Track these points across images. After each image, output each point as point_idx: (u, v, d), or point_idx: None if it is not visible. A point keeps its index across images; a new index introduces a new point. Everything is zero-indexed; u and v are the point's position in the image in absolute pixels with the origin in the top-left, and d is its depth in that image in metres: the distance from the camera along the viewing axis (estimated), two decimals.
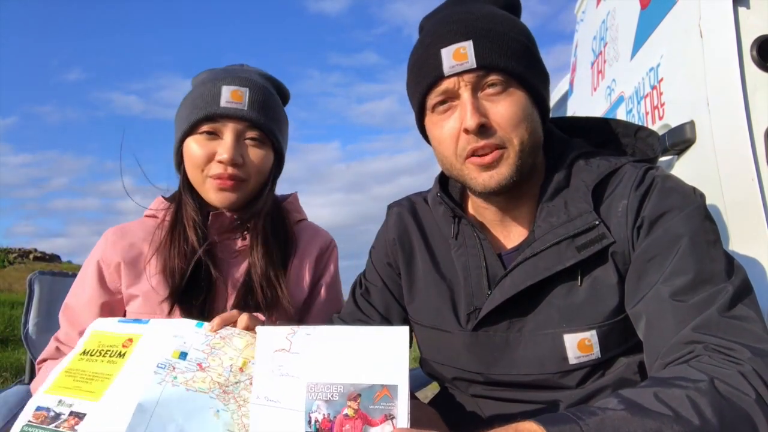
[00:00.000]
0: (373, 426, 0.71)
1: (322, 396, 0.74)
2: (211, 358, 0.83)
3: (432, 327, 1.02)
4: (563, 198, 0.93)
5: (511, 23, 0.93)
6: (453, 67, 0.89)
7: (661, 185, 0.88)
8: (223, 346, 0.85)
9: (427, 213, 1.09)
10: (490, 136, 0.89)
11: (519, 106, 0.90)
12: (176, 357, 0.82)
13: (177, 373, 0.81)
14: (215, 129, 1.13)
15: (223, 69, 1.22)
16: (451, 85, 0.90)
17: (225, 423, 0.78)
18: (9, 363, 5.34)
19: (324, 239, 1.29)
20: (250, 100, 1.14)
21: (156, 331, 0.87)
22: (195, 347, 0.84)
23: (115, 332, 0.89)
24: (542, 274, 0.89)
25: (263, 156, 1.16)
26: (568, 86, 2.86)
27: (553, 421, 0.65)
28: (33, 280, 1.60)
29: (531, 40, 0.94)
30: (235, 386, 0.81)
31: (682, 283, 0.80)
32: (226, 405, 0.79)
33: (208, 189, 1.15)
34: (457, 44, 0.89)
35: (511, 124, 0.89)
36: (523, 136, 0.90)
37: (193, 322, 0.89)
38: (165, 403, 0.77)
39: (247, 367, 0.83)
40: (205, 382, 0.81)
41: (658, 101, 1.51)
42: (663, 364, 0.78)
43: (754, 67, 1.16)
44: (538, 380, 0.92)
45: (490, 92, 0.90)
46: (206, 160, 1.13)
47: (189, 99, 1.18)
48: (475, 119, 0.88)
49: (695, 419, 0.65)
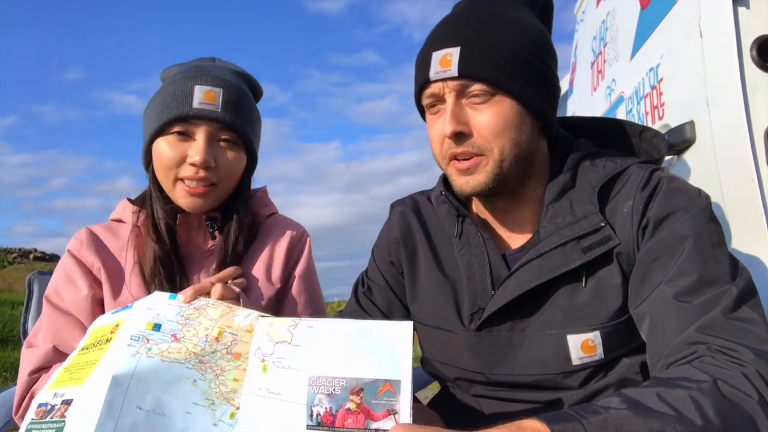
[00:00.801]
0: (375, 421, 0.71)
1: (324, 389, 0.74)
2: (185, 328, 0.83)
3: (435, 326, 1.02)
4: (569, 199, 0.93)
5: (510, 30, 0.91)
6: (437, 73, 0.90)
7: (667, 186, 0.88)
8: (198, 316, 0.85)
9: (430, 212, 1.09)
10: (469, 144, 0.90)
11: (502, 116, 0.89)
12: (150, 329, 0.82)
13: (151, 344, 0.80)
14: (187, 130, 1.09)
15: (194, 65, 1.18)
16: (437, 90, 0.91)
17: (203, 392, 0.79)
18: (9, 363, 5.34)
19: (295, 231, 1.26)
20: (223, 101, 1.10)
21: (135, 311, 0.87)
22: (169, 318, 0.84)
23: (107, 323, 0.89)
24: (547, 275, 0.89)
25: (236, 158, 1.14)
26: (568, 86, 2.87)
27: (556, 419, 0.65)
28: (32, 280, 1.59)
29: (530, 48, 0.91)
30: (212, 356, 0.81)
31: (687, 284, 0.80)
32: (203, 375, 0.80)
33: (177, 193, 1.12)
34: (445, 50, 0.90)
35: (491, 134, 0.89)
36: (504, 146, 0.89)
37: (167, 294, 0.89)
38: (140, 374, 0.77)
39: (222, 337, 0.83)
40: (181, 352, 0.80)
41: (657, 101, 1.51)
42: (666, 364, 0.78)
43: (754, 67, 1.16)
44: (541, 381, 0.92)
45: (474, 100, 0.90)
46: (177, 162, 1.09)
47: (159, 97, 1.13)
48: (451, 127, 0.89)
49: (698, 419, 0.65)
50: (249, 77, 1.24)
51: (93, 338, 0.88)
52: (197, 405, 0.78)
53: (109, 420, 0.72)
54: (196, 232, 1.18)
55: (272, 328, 0.81)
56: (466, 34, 0.90)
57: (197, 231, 1.18)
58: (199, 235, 1.18)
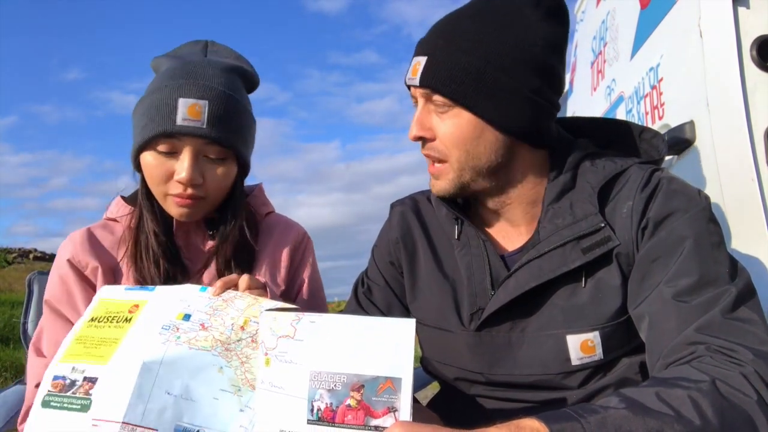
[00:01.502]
0: (375, 418, 0.71)
1: (325, 385, 0.74)
2: (213, 318, 0.87)
3: (434, 327, 1.02)
4: (569, 199, 0.93)
5: (479, 43, 0.88)
6: (410, 79, 0.93)
7: (667, 187, 0.88)
8: (226, 307, 0.89)
9: (430, 212, 1.09)
10: (431, 148, 0.94)
11: (459, 129, 0.90)
12: (180, 319, 0.86)
13: (180, 333, 0.84)
14: (173, 146, 1.06)
15: (182, 67, 1.11)
16: (413, 92, 0.95)
17: (229, 378, 0.82)
18: (9, 363, 5.34)
19: (297, 232, 1.25)
20: (209, 114, 1.05)
21: (162, 297, 0.91)
22: (198, 309, 0.88)
23: (122, 299, 0.91)
24: (547, 276, 0.89)
25: (224, 173, 1.11)
26: (567, 86, 2.87)
27: (555, 419, 0.65)
28: (32, 279, 1.59)
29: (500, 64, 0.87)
30: (237, 344, 0.84)
31: (686, 284, 0.80)
32: (228, 362, 0.83)
33: (169, 204, 1.10)
34: (417, 58, 0.93)
35: (449, 143, 0.91)
36: (460, 157, 0.91)
37: (197, 287, 0.92)
38: (169, 361, 0.81)
39: (248, 326, 0.86)
40: (207, 340, 0.84)
41: (657, 101, 1.51)
42: (665, 364, 0.78)
43: (753, 67, 1.16)
44: (541, 381, 0.92)
45: (437, 109, 0.92)
46: (164, 179, 1.07)
47: (146, 103, 1.09)
48: (413, 131, 0.94)
49: (696, 419, 0.65)
50: (242, 69, 1.19)
51: (104, 311, 0.90)
52: (224, 391, 0.81)
53: (139, 403, 0.76)
54: (194, 235, 1.18)
55: (275, 322, 0.82)
56: (434, 45, 0.91)
57: (195, 233, 1.18)
58: (198, 237, 1.18)
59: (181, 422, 0.77)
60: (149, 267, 1.10)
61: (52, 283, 1.14)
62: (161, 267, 1.11)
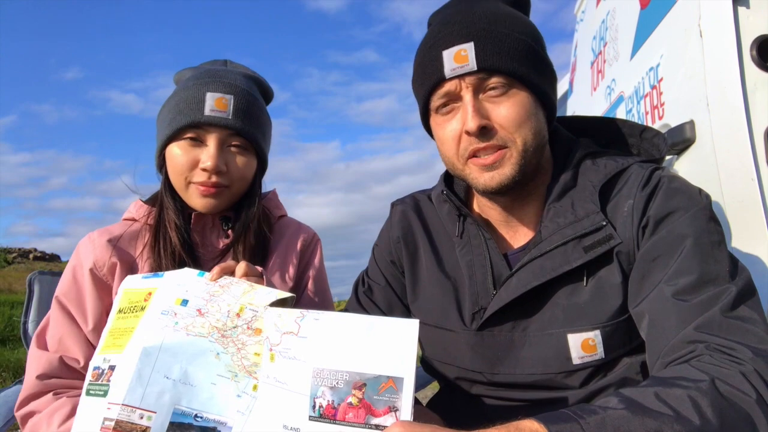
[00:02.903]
0: (376, 416, 0.72)
1: (327, 382, 0.75)
2: (210, 304, 0.89)
3: (436, 326, 1.02)
4: (570, 198, 0.93)
5: (515, 22, 0.93)
6: (454, 70, 0.89)
7: (667, 186, 0.88)
8: (222, 293, 0.90)
9: (431, 211, 1.09)
10: (492, 138, 0.90)
11: (522, 107, 0.90)
12: (179, 304, 0.88)
13: (178, 318, 0.86)
14: (199, 136, 1.14)
15: (206, 70, 1.21)
16: (452, 87, 0.91)
17: (226, 364, 0.83)
18: (9, 363, 5.35)
19: (307, 234, 1.30)
20: (234, 107, 1.14)
21: (167, 282, 0.93)
22: (196, 294, 0.90)
23: (140, 288, 0.94)
24: (549, 275, 0.89)
25: (246, 163, 1.18)
26: (568, 86, 2.87)
27: (554, 420, 0.65)
28: (33, 279, 1.60)
29: (536, 39, 0.94)
30: (233, 330, 0.86)
31: (686, 283, 0.80)
32: (225, 348, 0.84)
33: (191, 194, 1.16)
34: (458, 46, 0.89)
35: (513, 125, 0.90)
36: (526, 136, 0.90)
37: (195, 272, 0.94)
38: (167, 347, 0.83)
39: (243, 313, 0.87)
40: (204, 327, 0.86)
41: (657, 101, 1.51)
42: (664, 363, 0.78)
43: (753, 67, 1.16)
44: (542, 380, 0.92)
45: (492, 94, 0.90)
46: (190, 167, 1.14)
47: (172, 102, 1.17)
48: (476, 121, 0.88)
49: (696, 419, 0.65)
50: (260, 81, 1.28)
51: (128, 301, 0.93)
52: (221, 377, 0.83)
53: (138, 386, 0.80)
54: (210, 231, 1.22)
55: (280, 318, 0.83)
56: (477, 27, 0.90)
57: (211, 230, 1.22)
58: (213, 234, 1.22)
59: (179, 405, 0.80)
60: (166, 261, 1.14)
61: (65, 281, 1.17)
62: (177, 261, 1.14)
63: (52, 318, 1.15)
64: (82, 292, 1.15)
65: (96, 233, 1.20)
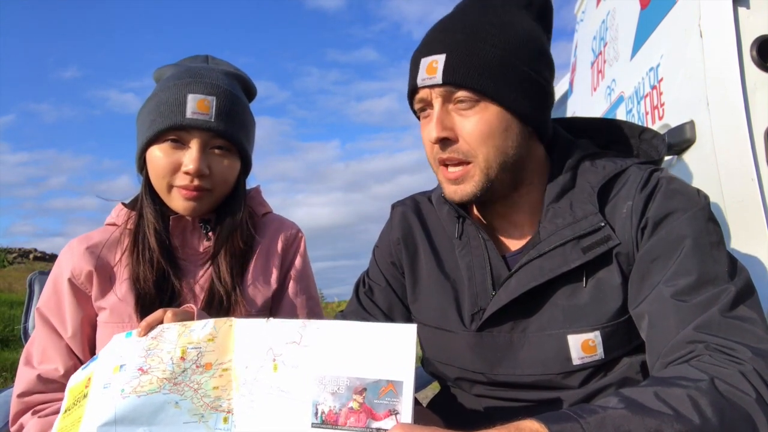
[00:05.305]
0: (377, 420, 0.73)
1: (328, 388, 0.76)
2: (149, 359, 0.84)
3: (436, 327, 1.02)
4: (569, 199, 0.93)
5: (497, 35, 0.90)
6: (424, 80, 0.91)
7: (666, 187, 0.88)
8: (158, 344, 0.86)
9: (431, 212, 1.10)
10: (454, 150, 0.91)
11: (486, 123, 0.89)
12: (117, 372, 0.83)
13: (123, 385, 0.82)
14: (181, 138, 1.10)
15: (187, 69, 1.17)
16: (425, 95, 0.92)
17: (188, 410, 0.81)
18: (9, 363, 5.34)
19: (289, 231, 1.26)
20: (216, 109, 1.11)
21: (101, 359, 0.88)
22: (131, 356, 0.85)
23: (80, 380, 0.90)
24: (547, 275, 0.90)
25: (229, 166, 1.15)
26: (567, 86, 2.87)
27: (554, 419, 0.65)
28: (33, 280, 1.60)
29: (518, 54, 0.90)
30: (183, 375, 0.82)
31: (685, 283, 0.80)
32: (181, 395, 0.81)
33: (173, 198, 1.13)
34: (432, 56, 0.90)
35: (476, 141, 0.89)
36: (488, 153, 0.90)
37: (123, 334, 0.90)
38: (122, 416, 0.79)
39: (187, 354, 0.84)
40: (153, 382, 0.82)
41: (657, 101, 1.51)
42: (664, 363, 0.78)
43: (754, 67, 1.16)
44: (542, 381, 0.92)
45: (460, 107, 0.90)
46: (171, 171, 1.10)
47: (153, 102, 1.14)
48: (436, 132, 0.90)
49: (695, 418, 0.66)
50: (243, 77, 1.24)
51: (71, 398, 0.89)
52: (188, 423, 0.80)
53: None
54: (191, 235, 1.19)
55: (282, 329, 0.83)
56: (452, 40, 0.90)
57: (191, 233, 1.19)
58: (194, 237, 1.19)
59: None
60: (144, 267, 1.12)
61: (46, 291, 1.17)
62: (155, 267, 1.12)
63: (35, 331, 1.15)
64: (61, 302, 1.14)
65: (76, 241, 1.18)
